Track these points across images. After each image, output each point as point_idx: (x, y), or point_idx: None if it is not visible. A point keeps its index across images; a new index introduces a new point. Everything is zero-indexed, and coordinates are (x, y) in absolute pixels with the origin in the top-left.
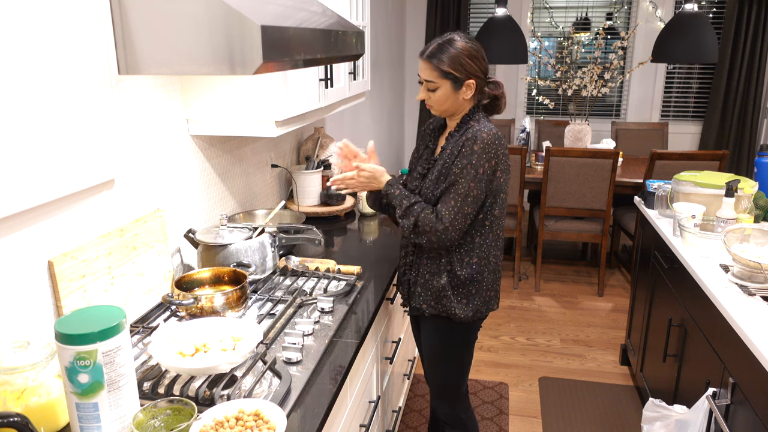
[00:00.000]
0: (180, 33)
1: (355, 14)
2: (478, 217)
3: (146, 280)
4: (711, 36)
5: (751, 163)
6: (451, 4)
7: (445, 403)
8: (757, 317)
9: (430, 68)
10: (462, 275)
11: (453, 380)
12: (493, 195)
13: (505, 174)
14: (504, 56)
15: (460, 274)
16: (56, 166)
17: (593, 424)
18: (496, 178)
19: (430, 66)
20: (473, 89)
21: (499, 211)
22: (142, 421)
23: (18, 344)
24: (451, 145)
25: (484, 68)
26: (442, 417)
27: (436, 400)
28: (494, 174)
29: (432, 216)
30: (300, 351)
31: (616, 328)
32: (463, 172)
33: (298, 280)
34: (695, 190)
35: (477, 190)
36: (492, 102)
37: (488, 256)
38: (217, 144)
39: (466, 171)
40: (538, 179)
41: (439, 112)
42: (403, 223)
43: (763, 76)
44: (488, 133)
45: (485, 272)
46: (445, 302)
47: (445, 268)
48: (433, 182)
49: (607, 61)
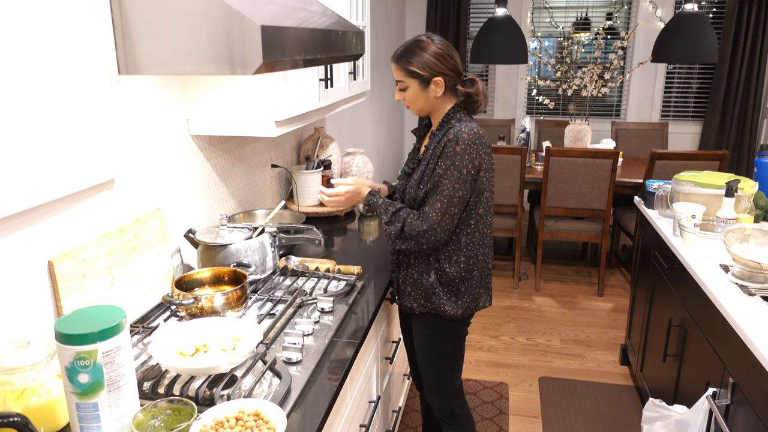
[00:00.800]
0: (180, 33)
1: (355, 14)
2: (462, 216)
3: (146, 280)
4: (711, 36)
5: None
6: (451, 4)
7: (440, 401)
8: (757, 317)
9: (398, 68)
10: (451, 273)
11: (447, 377)
12: (477, 194)
13: (489, 173)
14: (504, 56)
15: (449, 272)
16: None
17: (593, 424)
18: (479, 178)
19: (398, 66)
20: (442, 87)
21: (484, 209)
22: (142, 421)
23: (18, 344)
24: (433, 144)
25: (451, 65)
26: (437, 414)
27: (432, 398)
28: (478, 173)
29: (418, 220)
30: (300, 351)
31: (616, 328)
32: (447, 173)
33: (298, 280)
34: (695, 190)
35: (462, 191)
36: (467, 99)
37: (476, 254)
38: (217, 144)
39: (450, 172)
40: (538, 179)
41: (416, 111)
42: (390, 229)
43: (763, 76)
44: (469, 132)
45: (474, 270)
46: (435, 300)
47: (433, 266)
48: (417, 182)
49: (607, 61)
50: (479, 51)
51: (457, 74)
